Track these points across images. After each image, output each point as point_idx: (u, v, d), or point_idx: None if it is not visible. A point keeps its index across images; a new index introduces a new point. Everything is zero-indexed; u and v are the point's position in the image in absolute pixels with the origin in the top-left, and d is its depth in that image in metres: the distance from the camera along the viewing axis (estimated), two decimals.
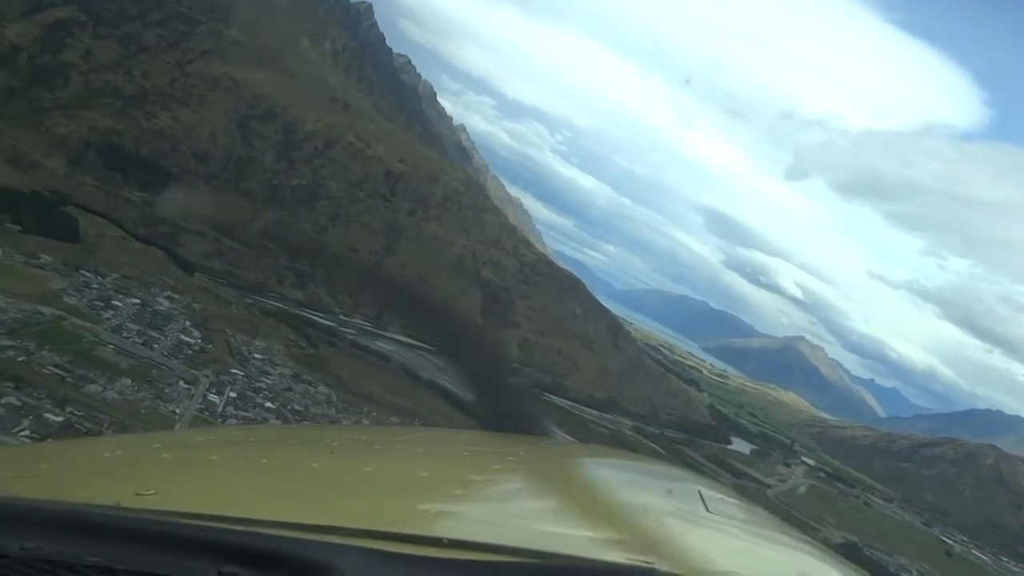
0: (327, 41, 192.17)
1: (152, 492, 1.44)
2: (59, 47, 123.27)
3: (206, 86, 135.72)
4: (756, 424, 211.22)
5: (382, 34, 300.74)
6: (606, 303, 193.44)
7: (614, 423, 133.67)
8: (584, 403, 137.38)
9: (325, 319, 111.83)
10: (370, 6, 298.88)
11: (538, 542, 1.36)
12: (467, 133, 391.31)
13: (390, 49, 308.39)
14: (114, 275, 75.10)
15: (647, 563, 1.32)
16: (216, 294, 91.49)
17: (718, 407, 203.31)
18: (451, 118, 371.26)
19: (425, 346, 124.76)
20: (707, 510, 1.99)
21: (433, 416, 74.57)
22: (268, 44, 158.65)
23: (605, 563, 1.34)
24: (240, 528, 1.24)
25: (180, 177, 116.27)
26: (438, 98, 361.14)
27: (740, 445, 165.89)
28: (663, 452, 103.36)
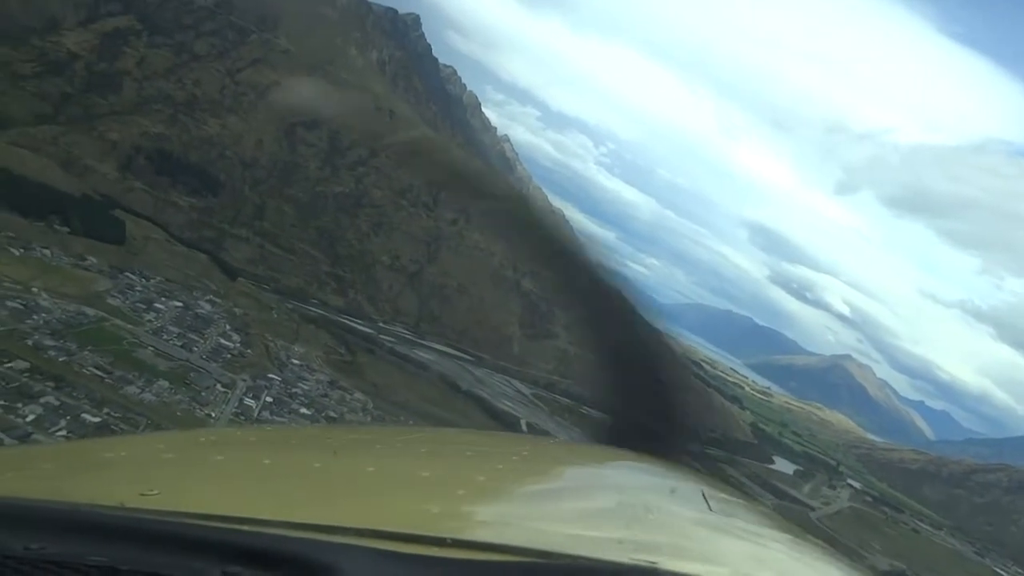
0: (374, 51, 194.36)
1: (156, 492, 1.45)
2: (115, 55, 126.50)
3: (255, 94, 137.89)
4: (800, 444, 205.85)
5: (429, 45, 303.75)
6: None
7: None
8: None
9: (364, 326, 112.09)
10: (417, 17, 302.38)
11: (542, 542, 1.36)
12: (511, 144, 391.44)
13: (436, 59, 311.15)
14: (158, 278, 76.17)
15: (651, 563, 1.33)
16: (257, 299, 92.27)
17: (761, 425, 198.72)
18: (495, 129, 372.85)
19: (464, 356, 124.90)
20: (710, 510, 2.00)
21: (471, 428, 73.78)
22: (316, 53, 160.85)
23: (609, 563, 1.33)
24: (244, 528, 1.25)
25: (226, 183, 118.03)
26: (483, 109, 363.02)
27: (783, 465, 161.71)
28: (702, 469, 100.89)
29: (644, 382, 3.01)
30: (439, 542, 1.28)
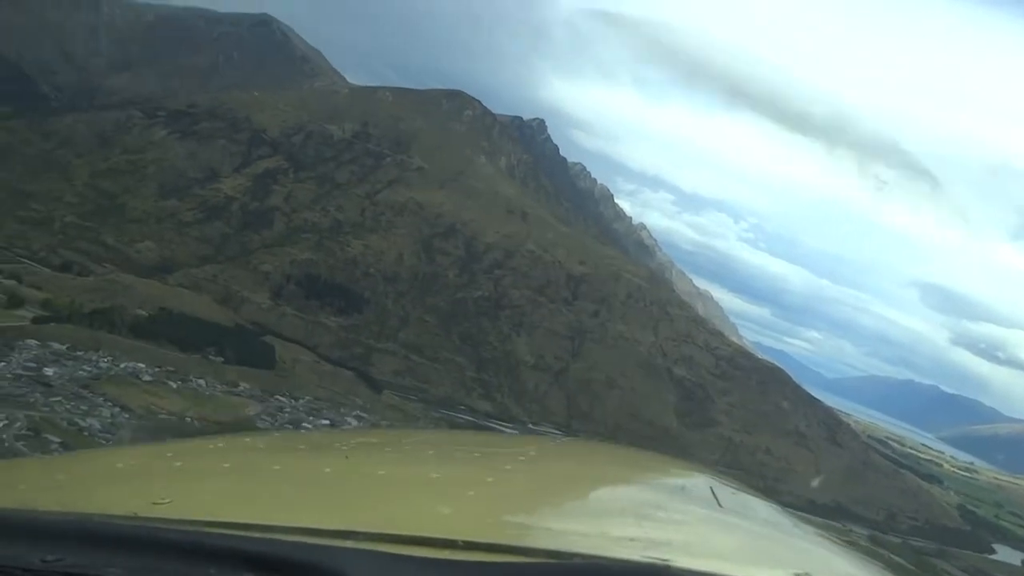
0: (502, 157, 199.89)
1: (168, 501, 1.47)
2: (266, 193, 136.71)
3: (393, 212, 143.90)
4: (1023, 527, 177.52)
5: (555, 145, 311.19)
6: (817, 394, 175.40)
7: (844, 533, 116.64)
8: (804, 509, 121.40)
9: (513, 429, 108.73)
10: (542, 122, 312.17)
11: (553, 542, 1.37)
12: (648, 231, 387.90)
13: (564, 159, 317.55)
14: (306, 398, 77.25)
15: (663, 560, 1.33)
16: (404, 410, 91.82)
17: (971, 507, 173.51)
18: (630, 218, 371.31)
19: None
20: (720, 505, 2.01)
21: None
22: (447, 166, 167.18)
23: (621, 561, 1.34)
24: (257, 535, 1.25)
25: (371, 299, 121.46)
26: (615, 199, 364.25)
27: (1007, 554, 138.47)
28: (911, 567, 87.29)
29: None
30: (451, 544, 1.28)
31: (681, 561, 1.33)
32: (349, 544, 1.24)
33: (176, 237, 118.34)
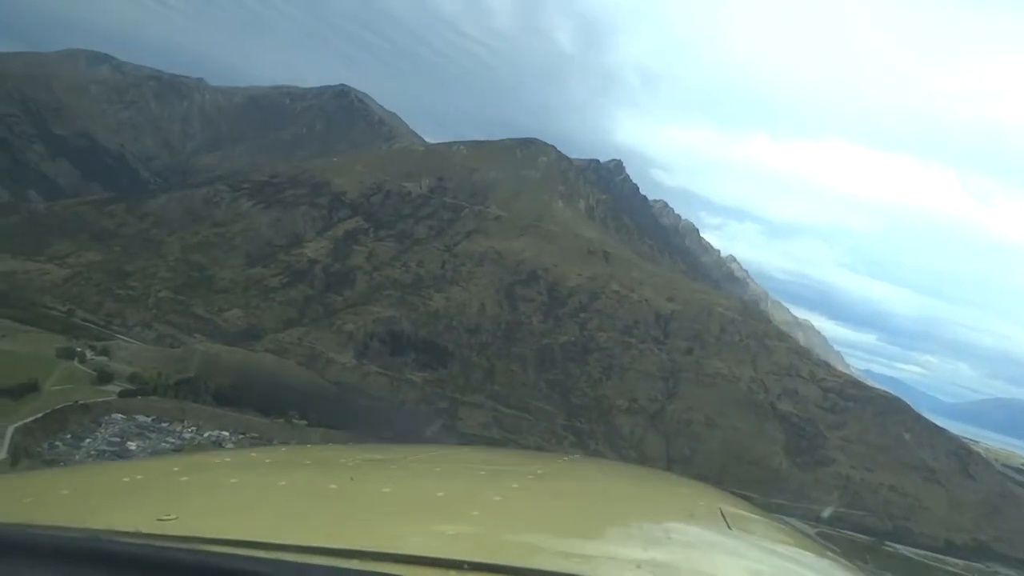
0: (580, 200, 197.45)
1: (173, 517, 1.46)
2: (347, 254, 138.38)
3: (473, 263, 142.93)
4: None
5: (635, 185, 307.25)
6: (937, 421, 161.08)
7: (989, 575, 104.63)
8: (940, 550, 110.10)
9: None
10: (619, 162, 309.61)
11: (559, 564, 1.35)
12: (738, 263, 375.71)
13: (644, 196, 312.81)
14: None
15: None
16: None
17: None
18: (718, 251, 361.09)
19: None
20: (729, 528, 1.99)
21: None
22: (525, 213, 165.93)
23: None
24: (261, 554, 1.25)
25: (455, 352, 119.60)
26: (701, 234, 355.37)
27: None
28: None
29: None
30: (457, 565, 1.28)
31: None
32: (354, 564, 1.24)
33: (262, 303, 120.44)
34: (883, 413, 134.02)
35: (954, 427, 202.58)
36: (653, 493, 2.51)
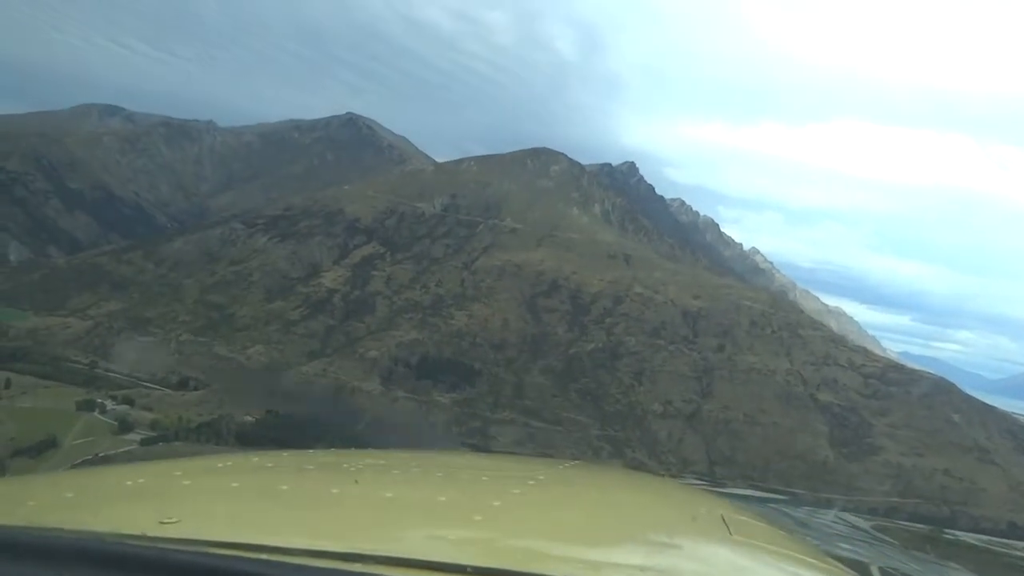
0: (595, 205, 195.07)
1: (176, 520, 1.47)
2: (365, 280, 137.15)
3: (492, 278, 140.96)
4: None
5: (650, 185, 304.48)
6: (984, 399, 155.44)
7: None
8: (1003, 534, 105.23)
9: None
10: (632, 164, 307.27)
11: (562, 568, 1.36)
12: (762, 255, 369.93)
13: (661, 196, 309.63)
14: None
15: None
16: None
17: None
18: (740, 244, 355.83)
19: (775, 496, 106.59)
20: (730, 534, 1.98)
21: None
22: (541, 223, 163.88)
23: None
24: (264, 556, 1.26)
25: (482, 370, 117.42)
26: (721, 228, 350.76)
27: None
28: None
29: None
30: (460, 569, 1.29)
31: None
32: (357, 568, 1.24)
33: (284, 337, 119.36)
34: (928, 395, 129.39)
35: (1002, 403, 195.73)
36: (655, 499, 2.50)
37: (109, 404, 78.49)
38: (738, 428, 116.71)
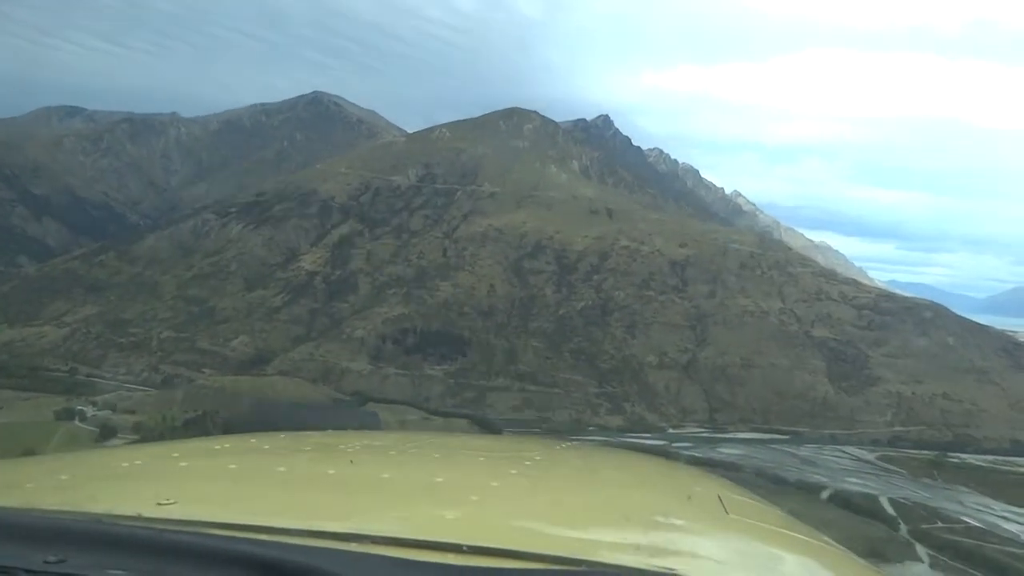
0: (573, 161, 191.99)
1: (173, 502, 1.48)
2: (345, 259, 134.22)
3: (475, 245, 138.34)
4: None
5: (626, 137, 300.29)
6: (975, 318, 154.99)
7: None
8: (1008, 452, 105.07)
9: (654, 439, 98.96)
10: (606, 117, 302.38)
11: (558, 547, 1.37)
12: (744, 196, 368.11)
13: (639, 147, 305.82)
14: None
15: (669, 569, 1.32)
16: None
17: None
18: (721, 188, 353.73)
19: (778, 436, 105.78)
20: (726, 512, 2.00)
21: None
22: (520, 184, 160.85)
23: (627, 568, 1.34)
24: (261, 537, 1.26)
25: (472, 339, 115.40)
26: (702, 174, 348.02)
27: None
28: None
29: None
30: (456, 549, 1.29)
31: (686, 569, 1.32)
32: (354, 547, 1.24)
33: (267, 325, 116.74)
34: (922, 321, 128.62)
35: (993, 321, 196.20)
36: (651, 478, 2.52)
37: (90, 411, 76.02)
38: (735, 373, 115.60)
